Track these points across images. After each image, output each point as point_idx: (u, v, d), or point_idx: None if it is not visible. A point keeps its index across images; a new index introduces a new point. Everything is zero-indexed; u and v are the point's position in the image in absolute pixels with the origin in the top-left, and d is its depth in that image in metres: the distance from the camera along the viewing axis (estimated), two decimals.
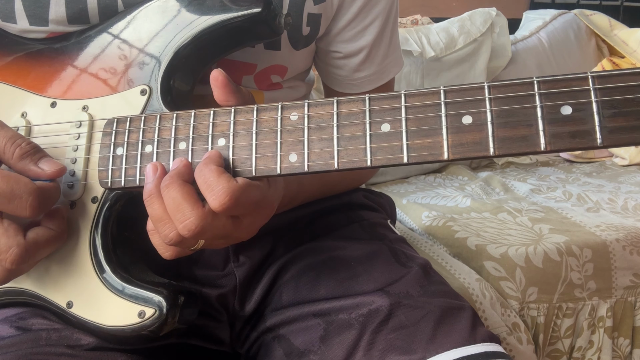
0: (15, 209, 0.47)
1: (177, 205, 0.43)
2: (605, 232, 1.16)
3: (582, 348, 1.11)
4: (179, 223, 0.43)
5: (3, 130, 0.50)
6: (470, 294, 0.98)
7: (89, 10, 0.58)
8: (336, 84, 0.75)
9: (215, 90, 0.46)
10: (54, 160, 0.50)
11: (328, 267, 0.65)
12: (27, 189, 0.47)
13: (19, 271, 0.49)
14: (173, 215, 0.44)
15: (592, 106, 0.36)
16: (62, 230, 0.51)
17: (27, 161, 0.49)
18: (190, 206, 0.43)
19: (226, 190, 0.42)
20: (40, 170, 0.49)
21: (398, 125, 0.41)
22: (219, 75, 0.46)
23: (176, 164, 0.46)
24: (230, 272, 0.66)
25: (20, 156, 0.49)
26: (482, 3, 1.97)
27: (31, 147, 0.50)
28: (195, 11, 0.53)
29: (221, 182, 0.42)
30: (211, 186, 0.43)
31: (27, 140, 0.50)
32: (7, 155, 0.49)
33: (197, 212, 0.43)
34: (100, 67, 0.56)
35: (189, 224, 0.43)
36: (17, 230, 0.48)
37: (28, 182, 0.47)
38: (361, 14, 0.68)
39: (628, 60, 1.99)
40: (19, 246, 0.47)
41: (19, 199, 0.46)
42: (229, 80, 0.46)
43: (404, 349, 0.55)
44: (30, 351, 0.53)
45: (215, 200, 0.42)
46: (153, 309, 0.49)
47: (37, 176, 0.49)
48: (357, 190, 0.81)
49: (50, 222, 0.51)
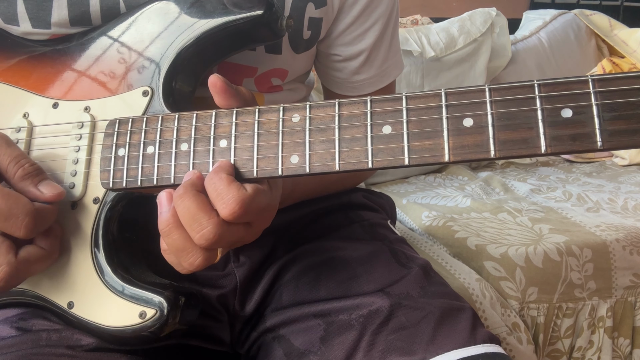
0: (10, 228, 0.47)
1: (192, 215, 0.43)
2: (605, 232, 1.16)
3: (582, 348, 1.11)
4: (196, 233, 0.43)
5: (10, 148, 0.50)
6: (470, 294, 0.98)
7: (91, 12, 0.58)
8: (335, 86, 0.75)
9: (214, 95, 0.46)
10: (54, 183, 0.51)
11: (328, 267, 0.65)
12: (24, 210, 0.47)
13: (6, 288, 0.49)
14: (189, 225, 0.43)
15: (593, 109, 0.36)
16: (54, 250, 0.52)
17: (28, 182, 0.49)
18: (206, 215, 0.43)
19: (236, 199, 0.42)
20: (40, 193, 0.49)
21: (399, 127, 0.41)
22: (217, 80, 0.46)
23: (188, 176, 0.45)
24: (230, 272, 0.66)
25: (22, 177, 0.49)
26: (482, 3, 1.97)
27: (34, 168, 0.50)
28: (197, 13, 0.53)
29: (231, 191, 0.42)
30: (221, 194, 0.42)
31: (31, 162, 0.50)
32: (9, 174, 0.49)
33: (213, 221, 0.43)
34: (102, 68, 0.56)
35: (206, 233, 0.43)
36: (10, 248, 0.48)
37: (27, 203, 0.47)
38: (361, 18, 0.68)
39: (628, 60, 1.99)
40: (9, 264, 0.47)
41: (15, 218, 0.46)
42: (228, 85, 0.46)
43: (404, 349, 0.55)
44: (30, 352, 0.53)
45: (225, 209, 0.42)
46: (154, 309, 0.49)
47: (36, 198, 0.49)
48: (357, 191, 0.81)
49: (43, 242, 0.51)
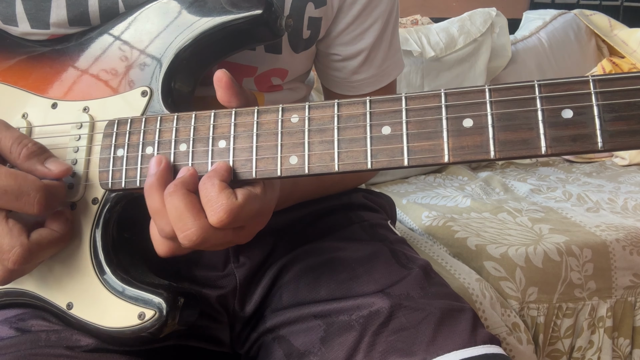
0: (23, 206, 0.47)
1: (179, 215, 0.43)
2: (605, 232, 1.16)
3: (582, 348, 1.11)
4: (180, 232, 0.43)
5: (9, 131, 0.50)
6: (470, 294, 0.98)
7: (90, 12, 0.58)
8: (335, 86, 0.75)
9: (218, 90, 0.46)
10: (59, 160, 0.51)
11: (328, 268, 0.65)
12: (34, 186, 0.47)
13: (20, 271, 0.49)
14: (175, 224, 0.43)
15: (593, 110, 0.36)
16: (66, 233, 0.52)
17: (34, 161, 0.50)
18: (192, 217, 0.43)
19: (224, 207, 0.42)
20: (47, 169, 0.50)
21: (399, 127, 0.41)
22: (223, 76, 0.46)
23: (182, 173, 0.46)
24: (230, 272, 0.66)
25: (27, 156, 0.49)
26: (482, 3, 1.97)
27: (37, 147, 0.50)
28: (197, 13, 0.53)
29: (220, 199, 0.42)
30: (211, 201, 0.42)
31: (33, 141, 0.50)
32: (13, 156, 0.49)
33: (198, 223, 0.43)
34: (101, 68, 0.56)
35: (189, 234, 0.43)
36: (21, 231, 0.48)
37: (35, 180, 0.48)
38: (360, 17, 0.68)
39: (628, 61, 1.99)
40: (22, 246, 0.47)
41: (27, 195, 0.47)
42: (233, 82, 0.46)
43: (405, 350, 0.55)
44: (29, 352, 0.53)
45: (213, 216, 0.42)
46: (153, 310, 0.49)
47: (44, 175, 0.49)
48: (357, 191, 0.81)
49: (54, 224, 0.51)
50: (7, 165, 0.49)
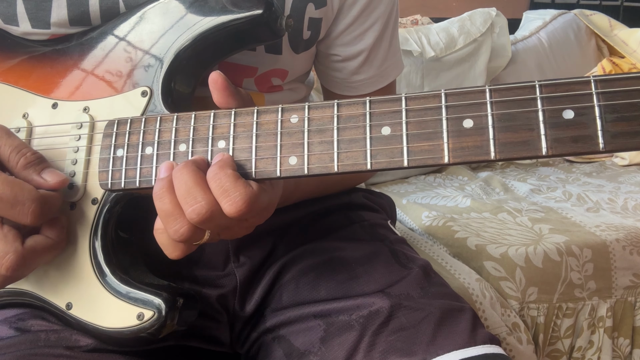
0: (16, 215, 0.47)
1: (188, 189, 0.42)
2: (605, 232, 1.16)
3: (582, 348, 1.11)
4: (189, 207, 0.42)
5: (10, 139, 0.50)
6: (470, 294, 0.98)
7: (90, 12, 0.58)
8: (334, 86, 0.75)
9: (214, 92, 0.46)
10: (56, 171, 0.51)
11: (328, 268, 0.65)
12: (30, 196, 0.47)
13: (14, 277, 0.49)
14: (183, 198, 0.43)
15: (595, 110, 0.35)
16: (61, 240, 0.52)
17: (31, 171, 0.50)
18: (202, 191, 0.42)
19: (243, 196, 0.42)
20: (43, 180, 0.50)
21: (398, 128, 0.41)
22: (218, 77, 0.46)
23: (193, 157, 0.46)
24: (230, 272, 0.66)
25: (24, 166, 0.49)
26: (482, 3, 1.97)
27: (36, 157, 0.50)
28: (197, 13, 0.53)
29: (238, 188, 0.42)
30: (228, 191, 0.42)
31: (32, 151, 0.51)
32: (11, 164, 0.49)
33: (208, 198, 0.42)
34: (101, 68, 0.56)
35: (198, 207, 0.42)
36: (16, 237, 0.48)
37: (32, 190, 0.48)
38: (360, 18, 0.67)
39: (628, 61, 1.98)
40: (15, 252, 0.47)
41: (21, 205, 0.47)
42: (228, 83, 0.46)
43: (405, 350, 0.55)
44: (28, 352, 0.53)
45: (231, 206, 0.42)
46: (152, 311, 0.49)
47: (40, 186, 0.49)
48: (357, 191, 0.81)
49: (49, 231, 0.51)
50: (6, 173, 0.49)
